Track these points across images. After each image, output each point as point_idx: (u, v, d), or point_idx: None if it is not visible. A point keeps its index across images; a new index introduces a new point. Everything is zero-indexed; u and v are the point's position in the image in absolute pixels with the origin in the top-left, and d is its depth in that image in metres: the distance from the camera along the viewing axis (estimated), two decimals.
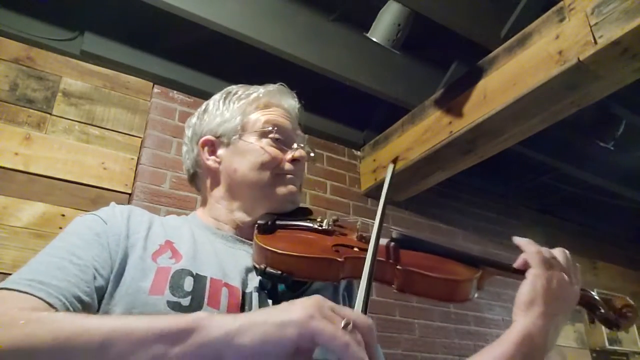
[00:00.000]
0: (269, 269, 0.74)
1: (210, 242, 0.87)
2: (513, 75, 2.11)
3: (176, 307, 0.71)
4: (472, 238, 3.30)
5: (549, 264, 0.81)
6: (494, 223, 3.50)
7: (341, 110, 2.95)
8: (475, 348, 2.92)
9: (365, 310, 0.59)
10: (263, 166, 0.90)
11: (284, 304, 0.57)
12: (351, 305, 0.87)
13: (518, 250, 0.85)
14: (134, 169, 2.19)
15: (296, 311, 0.54)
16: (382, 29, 2.05)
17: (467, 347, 2.89)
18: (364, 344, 0.53)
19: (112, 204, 0.87)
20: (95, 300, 0.70)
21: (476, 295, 0.80)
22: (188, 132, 1.02)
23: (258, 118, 0.95)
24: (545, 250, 0.83)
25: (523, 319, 0.77)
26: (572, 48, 1.85)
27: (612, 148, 2.81)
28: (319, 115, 2.89)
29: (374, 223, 0.76)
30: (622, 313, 0.84)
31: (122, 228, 0.79)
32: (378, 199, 2.96)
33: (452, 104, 2.42)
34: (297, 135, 0.99)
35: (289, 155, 0.94)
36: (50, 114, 2.13)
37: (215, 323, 0.55)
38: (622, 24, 1.69)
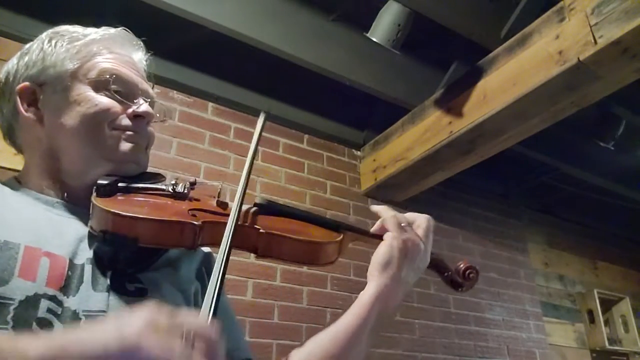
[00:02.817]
0: (108, 234, 0.65)
1: (29, 208, 0.72)
2: (513, 75, 2.11)
3: None
4: (472, 238, 3.29)
5: (404, 228, 0.81)
6: (494, 223, 3.50)
7: (341, 110, 2.95)
8: (475, 348, 2.92)
9: (217, 301, 0.54)
10: (95, 120, 0.75)
11: (111, 320, 0.51)
12: (210, 279, 0.83)
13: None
14: None
15: (127, 329, 0.47)
16: (382, 29, 2.05)
17: (467, 347, 2.89)
18: (209, 356, 0.47)
19: None
20: None
21: (336, 260, 0.81)
22: (2, 78, 0.82)
23: (93, 65, 0.78)
24: (401, 215, 0.84)
25: (377, 280, 0.77)
26: (572, 48, 1.85)
27: (612, 148, 2.81)
28: (319, 115, 2.89)
29: (237, 188, 0.72)
30: (466, 275, 0.89)
31: None
32: (378, 199, 2.98)
33: (452, 104, 2.42)
34: (143, 90, 0.83)
35: (130, 109, 0.79)
36: None
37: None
38: (622, 24, 1.69)
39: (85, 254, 0.69)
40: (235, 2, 2.21)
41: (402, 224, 0.82)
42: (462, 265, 0.90)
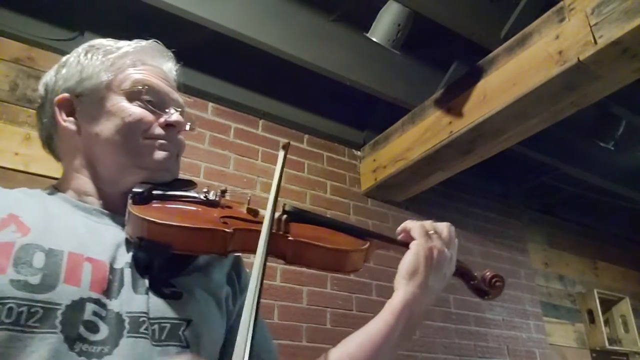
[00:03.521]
0: (144, 242, 0.68)
1: (69, 216, 0.74)
2: (513, 75, 2.11)
3: (22, 287, 0.60)
4: (472, 238, 3.29)
5: (431, 236, 0.83)
6: (494, 223, 3.50)
7: (341, 110, 2.95)
8: (475, 348, 2.92)
9: (257, 303, 0.55)
10: (129, 129, 0.78)
11: None
12: (240, 284, 0.85)
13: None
14: None
15: None
16: (382, 29, 2.05)
17: (467, 347, 2.89)
18: None
19: None
20: None
21: (362, 268, 0.83)
22: (41, 90, 0.85)
23: (127, 76, 0.81)
24: (428, 223, 0.85)
25: (404, 288, 0.79)
26: (572, 48, 1.85)
27: (612, 148, 2.81)
28: (319, 115, 2.89)
29: (266, 196, 0.74)
30: (492, 284, 0.90)
31: None
32: (378, 199, 2.98)
33: (452, 104, 2.42)
34: (173, 100, 0.86)
35: (162, 119, 0.82)
36: None
37: None
38: (622, 24, 1.69)
39: (124, 258, 0.72)
40: (236, 2, 2.21)
41: (429, 232, 0.83)
42: (488, 274, 0.90)
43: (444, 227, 0.87)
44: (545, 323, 3.40)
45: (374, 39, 2.06)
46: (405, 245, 0.83)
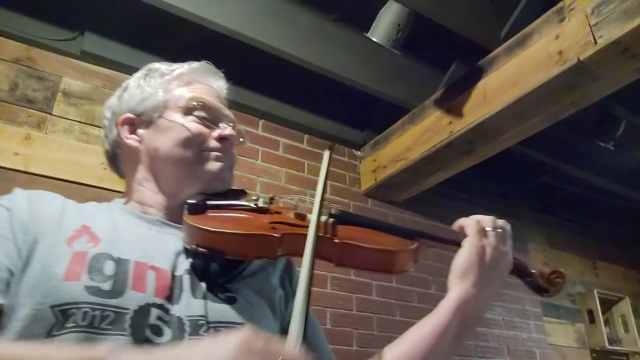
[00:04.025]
0: (200, 249, 0.72)
1: (134, 227, 0.81)
2: (513, 75, 2.11)
3: (95, 292, 0.65)
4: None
5: (485, 233, 0.82)
6: None
7: (341, 110, 2.95)
8: (475, 348, 2.92)
9: (305, 321, 0.56)
10: (186, 143, 0.84)
11: (208, 341, 0.53)
12: (292, 286, 0.88)
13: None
14: None
15: (222, 350, 0.49)
16: (382, 29, 2.05)
17: (467, 347, 2.89)
18: None
19: (16, 189, 0.78)
20: (3, 296, 0.65)
21: (412, 268, 0.82)
22: (107, 113, 0.94)
23: (182, 95, 0.89)
24: (482, 219, 0.84)
25: (458, 286, 0.78)
26: (572, 48, 1.85)
27: (612, 148, 2.81)
28: (319, 115, 2.89)
29: (313, 200, 0.75)
30: (551, 280, 0.86)
31: (28, 215, 0.72)
32: (378, 199, 2.98)
33: (452, 104, 2.42)
34: (225, 115, 0.93)
35: (216, 133, 0.88)
36: (51, 114, 2.13)
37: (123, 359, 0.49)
38: (622, 24, 1.69)
39: (183, 266, 0.76)
40: (236, 2, 2.21)
41: (483, 228, 0.82)
42: (546, 270, 0.87)
43: (498, 223, 0.85)
44: (545, 323, 3.40)
45: (374, 39, 2.06)
46: (457, 244, 0.82)
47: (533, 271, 0.88)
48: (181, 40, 2.42)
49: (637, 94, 2.47)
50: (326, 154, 0.83)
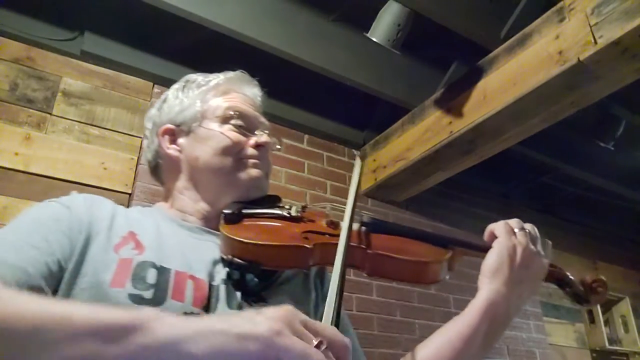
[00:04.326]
0: (236, 259, 0.74)
1: (176, 234, 0.83)
2: (513, 75, 2.11)
3: (138, 300, 0.67)
4: (472, 238, 3.29)
5: (514, 233, 0.82)
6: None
7: (341, 110, 2.95)
8: None
9: (338, 312, 0.57)
10: (225, 151, 0.87)
11: (249, 313, 0.53)
12: (323, 291, 0.88)
13: None
14: (134, 169, 2.19)
15: (262, 324, 0.49)
16: (382, 29, 2.05)
17: None
18: None
19: (73, 192, 0.83)
20: (49, 287, 0.66)
21: (447, 276, 0.81)
22: (148, 125, 0.98)
23: (219, 104, 0.92)
24: (512, 221, 0.85)
25: (488, 286, 0.78)
26: (572, 48, 1.85)
27: (612, 148, 2.81)
28: (319, 115, 2.89)
29: (344, 208, 0.75)
30: (592, 288, 0.85)
31: (86, 215, 0.75)
32: (378, 199, 2.98)
33: (452, 104, 2.42)
34: (261, 122, 0.95)
35: (253, 140, 0.91)
36: (50, 114, 2.13)
37: (164, 324, 0.49)
38: (622, 24, 1.69)
39: (220, 275, 0.78)
40: (236, 2, 2.21)
41: (513, 229, 0.83)
42: (588, 278, 0.86)
43: (526, 224, 0.86)
44: (545, 323, 3.40)
45: (374, 39, 2.06)
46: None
47: (573, 279, 0.86)
48: (181, 40, 2.42)
49: (637, 94, 2.47)
50: (357, 162, 0.83)
